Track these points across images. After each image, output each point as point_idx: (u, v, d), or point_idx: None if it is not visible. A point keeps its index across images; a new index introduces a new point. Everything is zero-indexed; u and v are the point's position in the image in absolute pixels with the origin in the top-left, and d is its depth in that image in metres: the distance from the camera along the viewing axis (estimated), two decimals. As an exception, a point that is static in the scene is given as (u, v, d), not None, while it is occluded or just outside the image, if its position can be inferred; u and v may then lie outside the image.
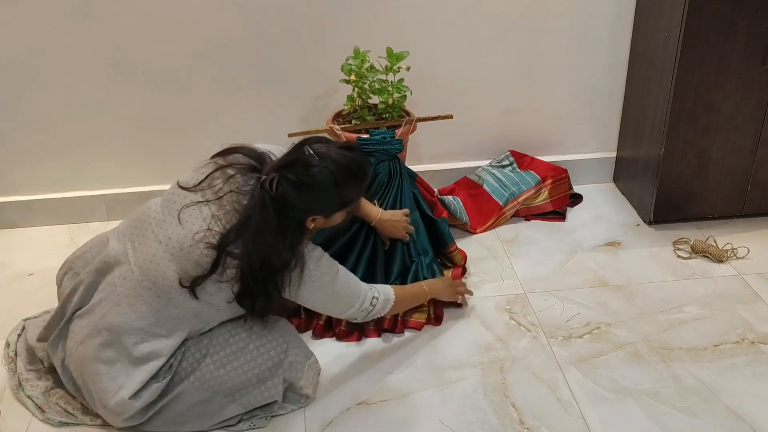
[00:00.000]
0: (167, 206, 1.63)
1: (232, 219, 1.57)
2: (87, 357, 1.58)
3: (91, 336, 1.59)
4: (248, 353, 1.68)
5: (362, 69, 2.13)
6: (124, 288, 1.59)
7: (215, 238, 1.55)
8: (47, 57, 2.30)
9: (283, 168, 1.57)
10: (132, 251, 1.62)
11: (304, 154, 1.58)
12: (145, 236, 1.62)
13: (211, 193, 1.61)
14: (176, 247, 1.58)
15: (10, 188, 2.52)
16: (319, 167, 1.56)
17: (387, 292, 1.79)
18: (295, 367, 1.72)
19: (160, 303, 1.59)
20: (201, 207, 1.60)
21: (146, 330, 1.58)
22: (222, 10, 2.28)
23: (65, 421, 1.69)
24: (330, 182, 1.57)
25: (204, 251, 1.56)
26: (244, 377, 1.65)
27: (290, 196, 1.54)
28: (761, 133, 2.27)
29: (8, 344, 1.87)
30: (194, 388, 1.63)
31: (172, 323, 1.61)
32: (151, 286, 1.58)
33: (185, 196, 1.62)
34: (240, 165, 1.63)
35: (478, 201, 2.48)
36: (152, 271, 1.58)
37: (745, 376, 1.80)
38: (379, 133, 2.08)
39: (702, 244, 2.28)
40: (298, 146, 1.61)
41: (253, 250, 1.53)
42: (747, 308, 2.04)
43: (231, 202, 1.59)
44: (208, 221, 1.57)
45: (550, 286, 2.16)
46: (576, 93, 2.58)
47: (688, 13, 2.07)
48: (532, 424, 1.67)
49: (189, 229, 1.58)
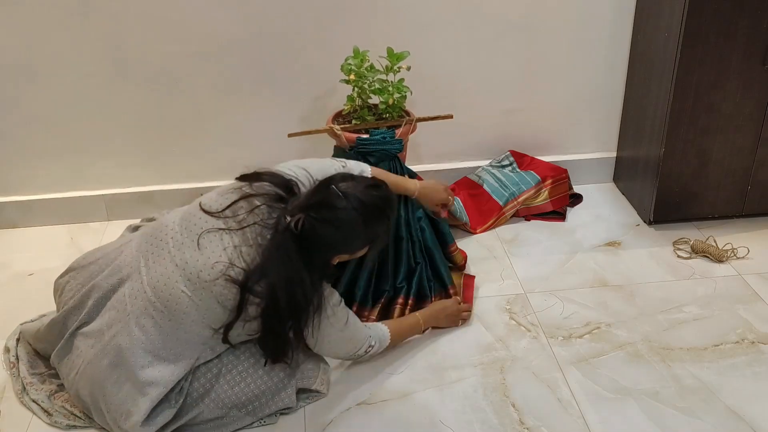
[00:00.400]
0: (186, 227, 1.59)
1: (254, 253, 1.53)
2: (97, 378, 1.57)
3: (98, 357, 1.57)
4: (260, 368, 1.67)
5: (362, 69, 2.13)
6: (134, 308, 1.56)
7: (237, 274, 1.51)
8: (47, 57, 2.30)
9: (310, 208, 1.53)
10: (145, 269, 1.59)
11: (330, 194, 1.55)
12: (161, 255, 1.58)
13: (234, 222, 1.56)
14: (193, 273, 1.54)
15: (10, 188, 2.52)
16: (346, 208, 1.53)
17: (383, 335, 1.80)
18: (308, 374, 1.73)
19: (171, 326, 1.55)
20: (222, 235, 1.55)
21: (154, 353, 1.55)
22: (222, 10, 2.28)
23: (72, 424, 1.68)
24: (358, 222, 1.55)
25: (223, 284, 1.52)
26: (257, 391, 1.65)
27: (316, 236, 1.52)
28: (761, 133, 2.27)
29: (8, 349, 1.87)
30: (209, 409, 1.62)
31: (181, 347, 1.57)
32: (163, 309, 1.55)
33: (206, 221, 1.58)
34: (266, 195, 1.59)
35: (478, 201, 2.48)
36: (166, 294, 1.55)
37: (745, 376, 1.80)
38: (379, 133, 2.08)
39: (702, 244, 2.28)
40: (324, 185, 1.58)
41: (277, 287, 1.50)
42: (747, 308, 2.04)
43: (254, 235, 1.54)
44: (229, 252, 1.53)
45: (550, 286, 2.16)
46: (576, 93, 2.58)
47: (688, 13, 2.07)
48: (532, 424, 1.67)
49: (207, 257, 1.54)
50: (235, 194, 1.60)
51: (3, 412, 1.74)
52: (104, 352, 1.57)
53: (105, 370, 1.56)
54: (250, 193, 1.59)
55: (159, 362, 1.55)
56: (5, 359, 1.85)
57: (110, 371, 1.56)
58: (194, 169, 2.54)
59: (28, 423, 1.70)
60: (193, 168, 2.53)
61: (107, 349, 1.56)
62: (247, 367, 1.66)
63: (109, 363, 1.56)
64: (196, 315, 1.55)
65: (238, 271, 1.52)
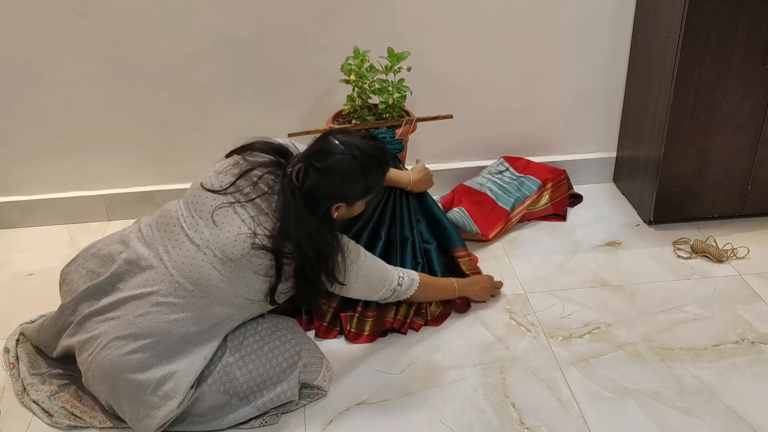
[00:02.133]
0: (195, 209, 1.64)
1: (271, 220, 1.60)
2: (118, 366, 1.55)
3: (121, 339, 1.56)
4: (263, 355, 1.68)
5: (362, 69, 2.13)
6: (163, 288, 1.58)
7: (264, 241, 1.58)
8: (47, 57, 2.30)
9: (310, 157, 1.62)
10: (166, 254, 1.61)
11: (329, 143, 1.64)
12: (178, 240, 1.62)
13: (241, 195, 1.62)
14: (218, 249, 1.58)
15: (10, 188, 2.52)
16: (345, 155, 1.62)
17: (411, 273, 1.86)
18: (310, 369, 1.73)
19: (204, 302, 1.59)
20: (235, 208, 1.61)
21: (185, 336, 1.57)
22: (222, 10, 2.28)
23: (73, 425, 1.68)
24: (356, 169, 1.63)
25: (254, 254, 1.58)
26: (259, 379, 1.66)
27: (317, 183, 1.60)
28: (761, 133, 2.27)
29: (8, 350, 1.86)
30: (212, 391, 1.63)
31: (212, 322, 1.61)
32: (193, 288, 1.58)
33: (214, 198, 1.63)
34: (264, 164, 1.66)
35: (483, 207, 2.41)
36: (194, 273, 1.58)
37: (745, 376, 1.80)
38: (379, 133, 2.08)
39: (702, 244, 2.28)
40: (323, 137, 1.67)
41: (303, 242, 1.58)
42: (747, 308, 2.04)
43: (267, 203, 1.61)
44: (248, 223, 1.59)
45: (550, 286, 2.16)
46: (576, 93, 2.58)
47: (688, 13, 2.07)
48: (532, 424, 1.67)
49: (228, 231, 1.59)
50: (235, 169, 1.66)
51: (3, 413, 1.74)
52: (130, 335, 1.55)
53: (128, 354, 1.54)
54: (249, 168, 1.65)
55: (190, 345, 1.59)
56: (5, 360, 1.85)
57: (135, 355, 1.55)
58: (194, 169, 2.53)
59: (28, 423, 1.70)
60: (194, 168, 2.53)
61: (134, 332, 1.55)
62: (249, 352, 1.68)
63: (136, 347, 1.55)
64: (228, 288, 1.59)
65: (263, 238, 1.58)
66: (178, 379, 1.57)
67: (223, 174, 1.66)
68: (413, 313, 1.99)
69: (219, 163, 1.71)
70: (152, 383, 1.55)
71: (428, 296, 1.96)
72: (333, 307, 1.98)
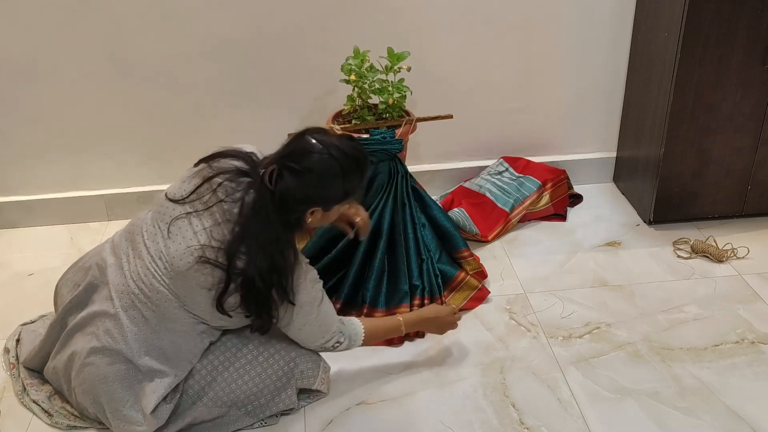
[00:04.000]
0: (157, 218, 1.58)
1: (224, 230, 1.51)
2: (95, 378, 1.56)
3: (96, 354, 1.56)
4: (258, 365, 1.66)
5: (362, 69, 2.13)
6: (122, 302, 1.56)
7: (213, 253, 1.49)
8: (47, 57, 2.30)
9: (284, 158, 1.51)
10: (127, 264, 1.58)
11: (306, 142, 1.53)
12: (138, 249, 1.58)
13: (201, 203, 1.54)
14: (168, 262, 1.53)
15: (10, 188, 2.52)
16: (323, 154, 1.50)
17: (355, 332, 1.72)
18: (307, 374, 1.71)
19: (157, 318, 1.55)
20: (191, 218, 1.53)
21: (148, 344, 1.55)
22: (222, 10, 2.28)
23: (73, 425, 1.68)
24: (335, 170, 1.51)
25: (198, 268, 1.50)
26: (255, 389, 1.65)
27: (292, 185, 1.48)
28: (761, 133, 2.27)
29: (8, 350, 1.86)
30: (208, 408, 1.62)
31: (176, 339, 1.57)
32: (146, 301, 1.55)
33: (174, 208, 1.55)
34: (228, 171, 1.56)
35: (483, 209, 2.42)
36: (147, 285, 1.54)
37: (745, 376, 1.80)
38: (379, 133, 2.08)
39: (702, 244, 2.28)
40: (298, 136, 1.56)
41: (258, 251, 1.49)
42: (747, 308, 2.04)
43: (222, 211, 1.52)
44: (200, 235, 1.52)
45: (550, 286, 2.16)
46: (576, 93, 2.58)
47: (688, 13, 2.07)
48: (532, 424, 1.67)
49: (179, 243, 1.53)
50: (197, 178, 1.57)
51: (3, 413, 1.74)
52: (100, 349, 1.56)
53: (103, 367, 1.55)
54: (212, 174, 1.55)
55: (156, 354, 1.56)
56: (5, 360, 1.85)
57: (109, 368, 1.55)
58: (194, 169, 2.54)
59: (28, 423, 1.70)
60: (193, 168, 2.53)
61: (102, 346, 1.55)
62: (244, 364, 1.65)
63: (109, 361, 1.55)
64: (177, 303, 1.54)
65: (212, 251, 1.49)
66: (150, 394, 1.55)
67: (187, 182, 1.58)
68: None
69: (186, 172, 1.63)
70: (131, 397, 1.55)
71: (374, 342, 1.84)
72: (337, 308, 1.98)
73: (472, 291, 2.09)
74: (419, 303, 1.99)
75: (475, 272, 2.14)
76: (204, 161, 1.61)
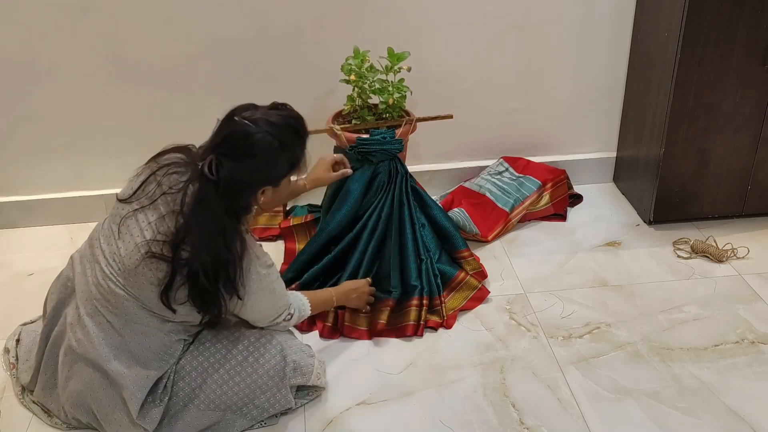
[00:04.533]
0: (110, 221, 1.57)
1: (169, 223, 1.48)
2: (82, 388, 1.57)
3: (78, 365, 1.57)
4: (248, 366, 1.64)
5: (362, 69, 2.13)
6: (87, 309, 1.55)
7: (158, 247, 1.47)
8: (47, 57, 2.30)
9: (219, 146, 1.47)
10: (90, 270, 1.57)
11: (237, 125, 1.48)
12: (96, 254, 1.56)
13: (146, 198, 1.51)
14: (119, 261, 1.51)
15: (10, 188, 2.52)
16: (258, 133, 1.47)
17: (303, 306, 1.76)
18: (302, 370, 1.69)
19: (121, 322, 1.53)
20: (137, 215, 1.51)
21: (117, 348, 1.54)
22: (222, 10, 2.28)
23: (73, 425, 1.68)
24: (273, 146, 1.48)
25: (147, 264, 1.48)
26: (248, 390, 1.64)
27: (234, 172, 1.44)
28: (761, 133, 2.27)
29: (7, 350, 1.86)
30: (201, 411, 1.61)
31: (138, 340, 1.55)
32: (107, 304, 1.53)
33: (123, 208, 1.54)
34: (171, 164, 1.54)
35: (483, 209, 2.41)
36: (106, 289, 1.53)
37: (745, 376, 1.80)
38: (379, 133, 2.08)
39: (702, 244, 2.28)
40: (227, 119, 1.51)
41: (201, 244, 1.44)
42: (747, 308, 2.04)
43: (166, 203, 1.50)
44: (145, 231, 1.49)
45: (550, 286, 2.16)
46: (576, 93, 2.58)
47: (688, 13, 2.07)
48: (532, 424, 1.67)
49: (127, 242, 1.51)
50: (143, 175, 1.55)
51: (3, 413, 1.74)
52: (75, 359, 1.56)
53: (86, 376, 1.56)
54: (156, 168, 1.54)
55: (125, 358, 1.54)
56: (5, 360, 1.85)
57: (90, 375, 1.55)
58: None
59: (28, 423, 1.70)
60: (193, 168, 2.53)
61: (77, 356, 1.56)
62: (234, 365, 1.63)
63: (88, 371, 1.56)
64: (135, 303, 1.53)
65: (157, 245, 1.47)
66: (130, 400, 1.54)
67: (133, 180, 1.57)
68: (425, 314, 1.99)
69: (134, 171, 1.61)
70: (116, 402, 1.55)
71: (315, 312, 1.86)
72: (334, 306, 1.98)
73: (471, 291, 2.09)
74: (418, 303, 1.99)
75: (474, 272, 2.14)
76: (152, 159, 1.60)
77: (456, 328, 1.99)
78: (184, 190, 1.47)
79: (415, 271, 2.05)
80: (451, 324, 1.99)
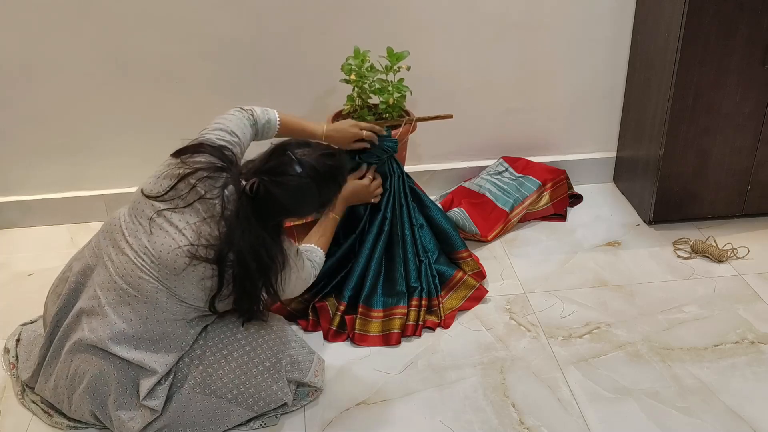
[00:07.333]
0: (135, 215, 1.60)
1: (210, 227, 1.55)
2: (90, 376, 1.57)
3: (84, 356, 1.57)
4: (245, 354, 1.67)
5: (362, 69, 2.13)
6: (108, 299, 1.57)
7: (205, 252, 1.54)
8: (47, 57, 2.30)
9: (265, 173, 1.57)
10: (110, 262, 1.59)
11: (286, 160, 1.58)
12: (120, 246, 1.58)
13: (181, 201, 1.57)
14: (155, 256, 1.55)
15: (10, 188, 2.52)
16: (301, 176, 1.58)
17: (320, 258, 1.89)
18: (299, 365, 1.70)
19: (148, 309, 1.56)
20: (172, 214, 1.56)
21: (137, 337, 1.56)
22: (222, 10, 2.28)
23: (73, 425, 1.68)
24: (311, 188, 1.60)
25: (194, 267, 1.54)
26: (243, 377, 1.64)
27: (271, 199, 1.55)
28: (761, 133, 2.27)
29: (7, 350, 1.86)
30: (195, 393, 1.62)
31: (161, 329, 1.58)
32: (136, 294, 1.56)
33: (152, 205, 1.58)
34: (205, 168, 1.58)
35: (482, 209, 2.41)
36: (135, 279, 1.55)
37: (745, 376, 1.80)
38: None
39: (702, 244, 2.28)
40: (281, 150, 1.61)
41: (246, 253, 1.54)
42: (747, 308, 2.04)
43: (206, 208, 1.56)
44: (187, 233, 1.54)
45: (550, 286, 2.16)
46: (576, 93, 2.58)
47: (688, 13, 2.07)
48: (532, 424, 1.67)
49: (163, 238, 1.55)
50: (173, 175, 1.60)
51: (3, 413, 1.74)
52: (88, 348, 1.56)
53: (96, 365, 1.56)
54: (189, 171, 1.58)
55: (143, 344, 1.57)
56: (5, 360, 1.85)
57: (101, 363, 1.56)
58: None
59: (28, 423, 1.70)
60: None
61: (86, 344, 1.56)
62: (231, 351, 1.67)
63: (98, 359, 1.56)
64: (168, 293, 1.57)
65: (202, 249, 1.54)
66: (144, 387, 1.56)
67: (162, 178, 1.61)
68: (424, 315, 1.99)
69: (160, 166, 1.65)
70: (127, 389, 1.57)
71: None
72: (341, 310, 1.98)
73: (469, 290, 2.09)
74: (417, 304, 1.99)
75: (473, 273, 2.14)
76: (179, 154, 1.63)
77: (456, 328, 1.99)
78: (221, 196, 1.56)
79: (415, 273, 2.05)
80: (448, 324, 1.99)
